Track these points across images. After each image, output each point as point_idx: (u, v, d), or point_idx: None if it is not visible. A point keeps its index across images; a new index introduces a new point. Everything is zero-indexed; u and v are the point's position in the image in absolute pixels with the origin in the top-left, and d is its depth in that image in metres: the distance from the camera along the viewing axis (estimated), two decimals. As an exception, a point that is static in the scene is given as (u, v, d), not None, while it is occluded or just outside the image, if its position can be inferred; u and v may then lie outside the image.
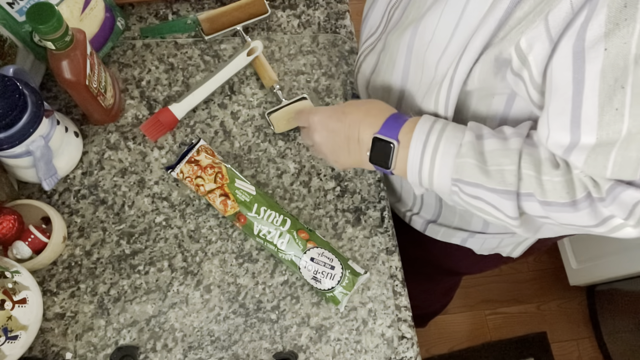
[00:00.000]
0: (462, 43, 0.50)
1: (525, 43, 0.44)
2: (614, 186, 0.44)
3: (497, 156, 0.51)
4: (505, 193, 0.51)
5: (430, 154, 0.54)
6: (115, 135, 0.73)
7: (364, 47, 0.68)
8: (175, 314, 0.65)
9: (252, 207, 0.67)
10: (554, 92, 0.44)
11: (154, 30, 0.79)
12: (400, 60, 0.58)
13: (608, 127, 0.41)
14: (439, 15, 0.51)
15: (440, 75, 0.53)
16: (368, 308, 0.68)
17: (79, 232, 0.68)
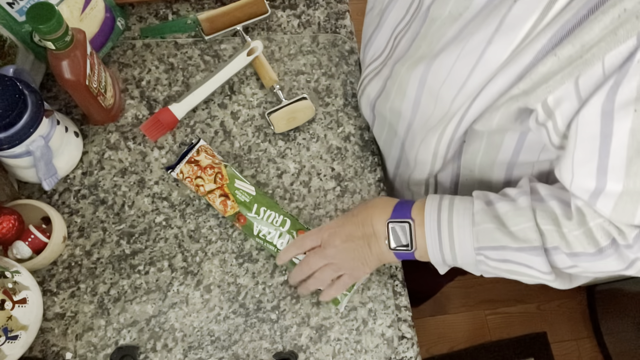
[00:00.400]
0: (478, 84, 0.50)
1: (553, 101, 0.44)
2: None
3: (513, 216, 0.53)
4: (532, 250, 0.52)
5: (447, 231, 0.56)
6: (115, 135, 0.73)
7: (368, 71, 0.67)
8: (175, 314, 0.65)
9: (252, 207, 0.67)
10: (579, 141, 0.45)
11: (154, 30, 0.79)
12: (411, 91, 0.58)
13: (635, 177, 0.43)
14: (456, 56, 0.50)
15: (452, 111, 0.54)
16: (368, 308, 0.68)
17: (79, 232, 0.68)
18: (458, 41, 0.50)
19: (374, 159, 0.77)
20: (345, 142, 0.77)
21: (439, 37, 0.53)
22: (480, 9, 0.48)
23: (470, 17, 0.49)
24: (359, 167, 0.76)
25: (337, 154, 0.76)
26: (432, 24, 0.53)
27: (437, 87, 0.54)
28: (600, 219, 0.48)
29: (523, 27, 0.44)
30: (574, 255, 0.51)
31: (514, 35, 0.45)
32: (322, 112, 0.78)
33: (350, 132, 0.77)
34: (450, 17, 0.51)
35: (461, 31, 0.50)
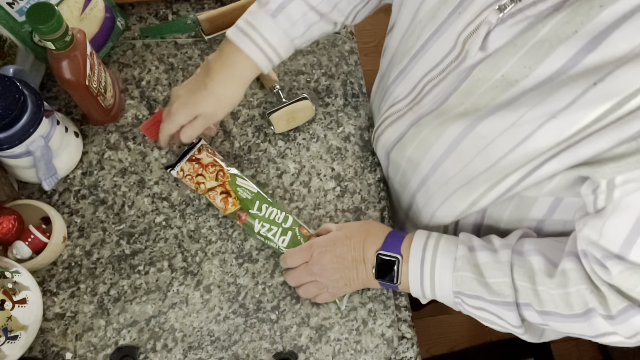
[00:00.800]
0: (524, 157, 0.48)
1: (621, 181, 0.43)
2: (628, 308, 0.46)
3: (491, 269, 0.54)
4: (505, 304, 0.54)
5: (429, 271, 0.58)
6: (115, 135, 0.73)
7: (389, 113, 0.65)
8: (175, 314, 0.65)
9: (254, 204, 0.67)
10: (619, 209, 0.45)
11: (154, 30, 0.79)
12: (438, 148, 0.57)
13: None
14: (504, 129, 0.48)
15: (484, 179, 0.53)
16: (368, 308, 0.68)
17: (79, 232, 0.68)
18: (513, 108, 0.47)
19: (374, 159, 0.77)
20: (345, 142, 0.77)
21: (488, 100, 0.50)
22: (542, 80, 0.45)
23: (529, 86, 0.46)
24: (359, 167, 0.76)
25: (337, 154, 0.76)
26: (479, 83, 0.50)
27: (472, 153, 0.52)
28: (583, 285, 0.49)
29: (594, 112, 0.42)
30: (545, 314, 0.52)
31: (582, 117, 0.43)
32: (322, 112, 0.78)
33: (350, 132, 0.77)
34: (504, 82, 0.48)
35: (517, 98, 0.47)
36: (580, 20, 0.41)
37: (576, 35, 0.42)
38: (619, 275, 0.46)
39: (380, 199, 0.74)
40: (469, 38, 0.50)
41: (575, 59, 0.42)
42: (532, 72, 0.45)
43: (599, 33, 0.40)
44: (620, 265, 0.45)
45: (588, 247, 0.49)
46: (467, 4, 0.50)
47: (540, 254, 0.53)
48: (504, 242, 0.56)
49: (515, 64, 0.46)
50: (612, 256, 0.46)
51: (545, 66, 0.44)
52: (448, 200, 0.59)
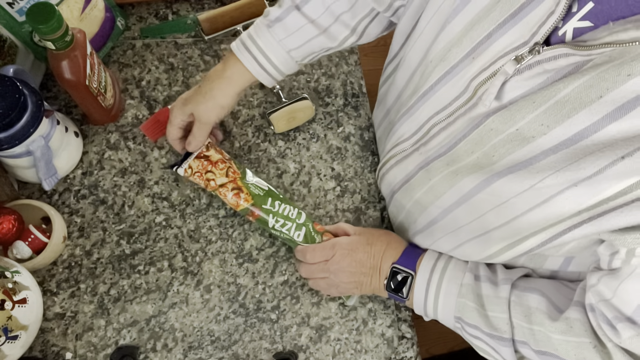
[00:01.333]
0: (538, 223, 0.47)
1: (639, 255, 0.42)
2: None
3: (491, 302, 0.55)
4: (501, 339, 0.54)
5: (434, 292, 0.59)
6: (115, 135, 0.73)
7: (393, 152, 0.64)
8: (175, 313, 0.65)
9: (267, 200, 0.66)
10: (635, 274, 0.44)
11: (154, 30, 0.79)
12: (450, 196, 0.56)
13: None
14: (522, 190, 0.47)
15: (500, 236, 0.52)
16: (368, 308, 0.68)
17: (79, 232, 0.68)
18: (533, 170, 0.46)
19: (374, 159, 0.77)
20: (345, 142, 0.77)
21: (503, 153, 0.48)
22: (561, 140, 0.43)
23: (547, 145, 0.44)
24: (359, 167, 0.76)
25: (337, 154, 0.76)
26: (492, 134, 0.49)
27: (485, 208, 0.51)
28: (587, 339, 0.48)
29: (619, 184, 0.41)
30: (542, 353, 0.52)
31: (606, 187, 0.41)
32: (322, 112, 0.78)
33: (350, 132, 0.77)
34: (519, 136, 0.46)
35: (536, 158, 0.45)
36: (605, 86, 0.40)
37: (600, 100, 0.40)
38: (629, 340, 0.45)
39: (380, 199, 0.74)
40: (482, 85, 0.49)
41: (598, 124, 0.41)
42: (550, 131, 0.44)
43: (626, 102, 0.39)
44: (631, 330, 0.45)
45: (599, 304, 0.48)
46: (482, 50, 0.49)
47: (543, 294, 0.53)
48: (506, 276, 0.55)
49: (532, 120, 0.45)
50: (624, 319, 0.45)
51: (565, 127, 0.43)
52: (460, 248, 0.58)
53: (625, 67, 0.38)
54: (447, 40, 0.53)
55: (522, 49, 0.45)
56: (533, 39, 0.44)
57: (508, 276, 0.55)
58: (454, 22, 0.51)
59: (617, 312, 0.46)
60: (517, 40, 0.45)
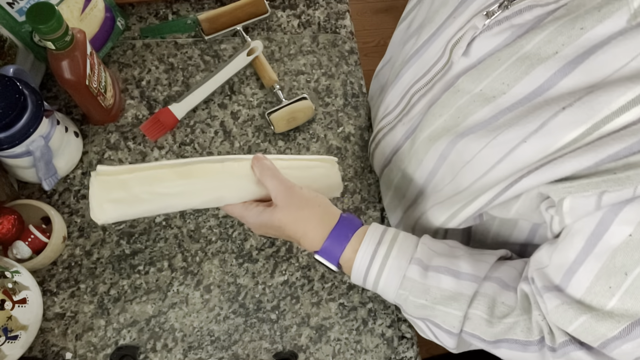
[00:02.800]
0: (501, 176, 0.47)
1: (568, 205, 0.42)
2: (568, 343, 0.45)
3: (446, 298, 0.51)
4: (447, 332, 0.52)
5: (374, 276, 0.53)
6: (115, 135, 0.73)
7: (381, 125, 0.65)
8: (175, 314, 0.65)
9: None
10: (569, 236, 0.44)
11: (154, 30, 0.79)
12: (428, 162, 0.56)
13: (594, 296, 0.42)
14: (485, 144, 0.47)
15: (469, 194, 0.51)
16: (368, 308, 0.68)
17: (79, 232, 0.68)
18: (490, 129, 0.47)
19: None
20: (345, 142, 0.77)
21: (466, 114, 0.49)
22: (519, 100, 0.44)
23: (506, 104, 0.45)
24: (359, 167, 0.76)
25: (337, 154, 0.76)
26: (458, 95, 0.50)
27: (458, 166, 0.52)
28: (538, 311, 0.48)
29: (564, 137, 0.41)
30: (494, 343, 0.51)
31: (553, 141, 0.42)
32: (322, 112, 0.78)
33: (350, 132, 0.77)
34: (482, 97, 0.47)
35: (495, 117, 0.47)
36: (561, 41, 0.41)
37: (556, 56, 0.41)
38: (554, 310, 0.45)
39: (380, 199, 0.74)
40: (456, 45, 0.49)
41: (551, 81, 0.42)
42: (509, 90, 0.45)
43: (577, 57, 0.40)
44: (557, 299, 0.44)
45: (534, 273, 0.48)
46: (463, 9, 0.50)
47: (508, 287, 0.52)
48: (474, 272, 0.52)
49: (495, 78, 0.46)
50: (552, 287, 0.45)
51: (523, 85, 0.44)
52: (431, 209, 0.57)
53: (579, 21, 0.39)
54: (437, 3, 0.54)
55: (494, 4, 0.46)
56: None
57: (476, 272, 0.52)
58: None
59: (547, 280, 0.46)
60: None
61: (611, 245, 0.40)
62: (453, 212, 0.53)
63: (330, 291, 0.68)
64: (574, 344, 0.45)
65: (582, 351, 0.44)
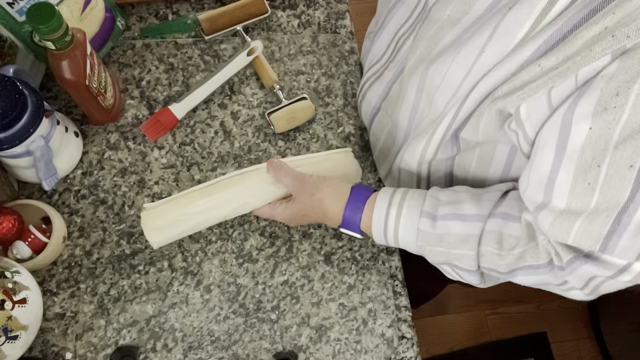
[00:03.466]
0: (469, 89, 0.50)
1: (524, 110, 0.44)
2: (573, 260, 0.46)
3: (456, 241, 0.54)
4: (466, 271, 0.56)
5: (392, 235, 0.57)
6: (115, 135, 0.73)
7: (368, 75, 0.66)
8: (175, 314, 0.65)
9: None
10: (539, 150, 0.45)
11: (154, 30, 0.79)
12: (409, 97, 0.58)
13: (578, 198, 0.43)
14: (451, 61, 0.50)
15: (442, 116, 0.53)
16: (368, 308, 0.68)
17: (79, 232, 0.68)
18: (455, 47, 0.50)
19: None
20: (345, 142, 0.77)
21: (436, 41, 0.52)
22: (479, 15, 0.48)
23: (468, 23, 0.49)
24: (360, 167, 0.76)
25: (337, 154, 0.76)
26: (430, 25, 0.53)
27: (432, 92, 0.54)
28: (542, 236, 0.49)
29: (516, 35, 0.44)
30: (510, 273, 0.53)
31: (507, 42, 0.45)
32: (322, 112, 0.78)
33: (350, 132, 0.77)
34: (449, 21, 0.50)
35: (459, 37, 0.49)
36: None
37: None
38: (550, 227, 0.46)
39: (380, 199, 0.74)
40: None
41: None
42: (471, 9, 0.48)
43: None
44: (548, 216, 0.46)
45: (524, 200, 0.49)
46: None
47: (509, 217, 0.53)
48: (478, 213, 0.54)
49: (458, 1, 0.49)
50: (540, 206, 0.47)
51: (481, 2, 0.47)
52: (409, 145, 0.59)
53: None
54: None
55: None
56: None
57: (480, 211, 0.54)
58: None
59: (533, 201, 0.48)
60: None
61: (577, 143, 0.41)
62: (427, 140, 0.55)
63: (330, 291, 0.68)
64: (579, 260, 0.46)
65: (588, 264, 0.45)
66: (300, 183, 0.60)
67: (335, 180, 0.60)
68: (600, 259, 0.45)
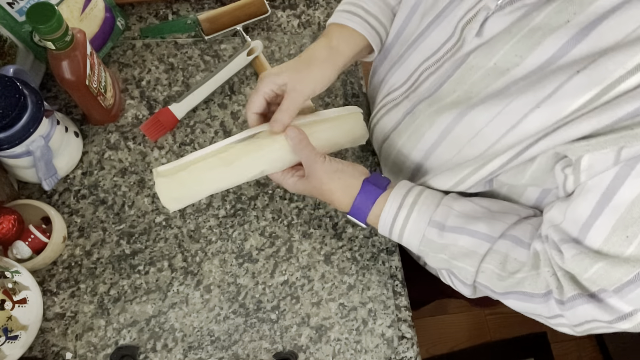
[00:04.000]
0: (511, 144, 0.48)
1: (586, 162, 0.43)
2: (576, 297, 0.47)
3: (459, 255, 0.54)
4: (462, 284, 0.57)
5: (397, 231, 0.58)
6: (115, 135, 0.73)
7: (385, 102, 0.65)
8: (175, 314, 0.65)
9: None
10: (583, 192, 0.45)
11: (154, 30, 0.79)
12: (431, 135, 0.56)
13: (611, 246, 0.44)
14: (497, 112, 0.48)
15: (480, 160, 0.52)
16: (368, 308, 0.68)
17: (79, 232, 0.68)
18: (502, 97, 0.47)
19: (374, 159, 0.77)
20: (345, 142, 0.77)
21: (480, 88, 0.50)
22: (532, 70, 0.45)
23: (519, 75, 0.46)
24: (359, 167, 0.76)
25: (337, 155, 0.76)
26: (472, 71, 0.50)
27: (464, 140, 0.52)
28: (546, 268, 0.49)
29: (577, 100, 0.42)
30: (504, 295, 0.54)
31: (566, 105, 0.43)
32: (322, 112, 0.78)
33: (350, 132, 0.77)
34: (496, 70, 0.48)
35: (507, 87, 0.47)
36: (572, 10, 0.42)
37: (568, 25, 0.42)
38: (571, 259, 0.46)
39: (380, 199, 0.74)
40: (468, 24, 0.51)
41: (564, 48, 0.43)
42: (522, 61, 0.46)
43: (589, 24, 0.41)
44: (574, 249, 0.46)
45: (549, 230, 0.50)
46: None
47: (523, 244, 0.53)
48: (489, 232, 0.53)
49: (507, 51, 0.47)
50: (570, 240, 0.47)
51: (535, 55, 0.45)
52: (437, 176, 0.59)
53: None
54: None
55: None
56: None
57: (492, 232, 0.53)
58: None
59: (564, 234, 0.47)
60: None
61: (627, 198, 0.41)
62: (461, 178, 0.55)
63: (330, 291, 0.68)
64: (582, 298, 0.46)
65: (590, 304, 0.46)
66: (313, 165, 0.58)
67: (347, 173, 0.59)
68: (604, 302, 0.45)
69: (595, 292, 0.46)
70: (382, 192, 0.58)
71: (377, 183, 0.59)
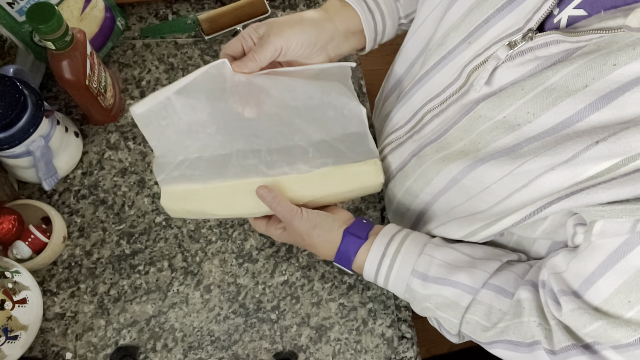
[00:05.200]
0: (525, 200, 0.47)
1: (599, 227, 0.42)
2: (570, 347, 0.46)
3: (442, 306, 0.54)
4: (446, 332, 0.58)
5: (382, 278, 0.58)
6: (115, 135, 0.73)
7: (389, 140, 0.64)
8: (175, 314, 0.65)
9: None
10: (590, 248, 0.44)
11: (154, 30, 0.79)
12: (438, 182, 0.56)
13: (612, 307, 0.43)
14: (506, 172, 0.47)
15: (491, 215, 0.51)
16: (368, 308, 0.68)
17: (79, 232, 0.68)
18: (514, 157, 0.46)
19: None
20: (345, 142, 0.77)
21: (488, 140, 0.49)
22: (546, 129, 0.44)
23: (531, 133, 0.45)
24: (359, 167, 0.76)
25: (337, 154, 0.76)
26: (479, 121, 0.49)
27: (473, 192, 0.52)
28: (533, 318, 0.49)
29: (595, 167, 0.41)
30: (490, 344, 0.54)
31: (582, 170, 0.42)
32: (322, 112, 0.78)
33: (350, 132, 0.77)
34: (505, 124, 0.47)
35: (519, 145, 0.46)
36: (592, 76, 0.40)
37: (586, 89, 0.41)
38: (570, 312, 0.45)
39: (380, 199, 0.74)
40: (475, 71, 0.49)
41: (581, 113, 0.41)
42: (535, 119, 0.44)
43: (609, 92, 0.40)
44: (573, 303, 0.45)
45: (550, 277, 0.49)
46: (478, 35, 0.49)
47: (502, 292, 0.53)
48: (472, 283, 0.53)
49: (519, 107, 0.45)
50: (569, 292, 0.46)
51: (549, 116, 0.43)
52: (446, 225, 0.58)
53: (612, 57, 0.39)
54: (447, 27, 0.53)
55: (516, 35, 0.45)
56: (527, 25, 0.44)
57: (473, 283, 0.53)
58: (454, 7, 0.52)
59: (565, 285, 0.47)
60: (512, 26, 0.46)
61: (634, 265, 0.41)
62: (473, 230, 0.54)
63: (330, 291, 0.68)
64: (576, 349, 0.45)
65: (584, 356, 0.45)
66: (291, 222, 0.57)
67: (325, 228, 0.58)
68: (600, 354, 0.45)
69: (590, 343, 0.45)
70: (363, 242, 0.58)
71: (357, 232, 0.58)
